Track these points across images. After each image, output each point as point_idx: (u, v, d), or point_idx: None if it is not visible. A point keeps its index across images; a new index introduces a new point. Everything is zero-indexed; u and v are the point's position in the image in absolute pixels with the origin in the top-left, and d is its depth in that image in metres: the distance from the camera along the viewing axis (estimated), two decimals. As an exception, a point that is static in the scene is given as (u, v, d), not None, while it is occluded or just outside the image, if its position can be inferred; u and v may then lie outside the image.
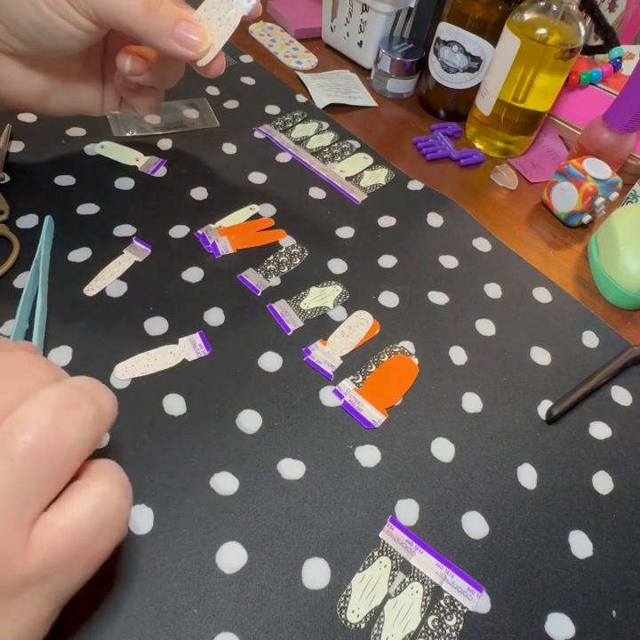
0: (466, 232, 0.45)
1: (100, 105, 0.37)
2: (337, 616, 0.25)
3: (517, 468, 0.32)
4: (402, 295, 0.39)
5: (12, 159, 0.41)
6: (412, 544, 0.28)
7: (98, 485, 0.18)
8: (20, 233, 0.36)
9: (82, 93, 0.35)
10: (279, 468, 0.29)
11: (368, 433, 0.32)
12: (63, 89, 0.34)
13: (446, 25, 0.52)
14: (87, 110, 0.36)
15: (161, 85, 0.34)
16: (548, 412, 0.34)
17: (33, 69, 0.31)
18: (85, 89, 0.35)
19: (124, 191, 0.41)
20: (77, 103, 0.35)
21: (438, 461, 0.31)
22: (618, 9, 0.61)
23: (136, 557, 0.25)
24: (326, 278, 0.39)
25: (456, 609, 0.26)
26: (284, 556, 0.27)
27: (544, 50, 0.46)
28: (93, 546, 0.18)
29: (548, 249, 0.46)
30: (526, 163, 0.55)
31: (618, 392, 0.37)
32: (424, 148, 0.53)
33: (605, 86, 0.54)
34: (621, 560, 0.29)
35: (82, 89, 0.35)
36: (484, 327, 0.39)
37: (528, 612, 0.27)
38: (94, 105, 0.36)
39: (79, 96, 0.35)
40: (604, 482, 0.32)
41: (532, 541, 0.29)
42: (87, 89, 0.35)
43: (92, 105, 0.36)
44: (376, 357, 0.35)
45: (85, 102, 0.36)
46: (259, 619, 0.25)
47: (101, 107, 0.37)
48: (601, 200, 0.45)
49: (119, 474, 0.19)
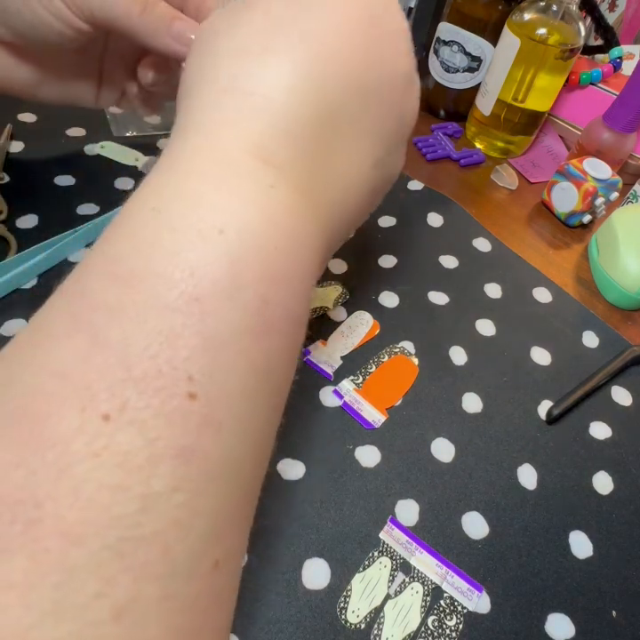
0: (466, 232, 0.45)
1: (94, 98, 0.36)
2: (337, 616, 0.25)
3: (517, 468, 0.32)
4: (402, 295, 0.39)
5: (11, 159, 0.41)
6: (412, 544, 0.28)
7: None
8: (20, 233, 0.36)
9: (74, 85, 0.34)
10: (279, 468, 0.29)
11: (368, 433, 0.32)
12: (54, 79, 0.33)
13: (446, 25, 0.52)
14: (79, 102, 0.36)
15: (174, 94, 0.34)
16: (548, 412, 0.34)
17: (22, 58, 0.31)
18: (78, 81, 0.34)
19: (123, 191, 0.41)
20: (68, 93, 0.35)
21: (438, 461, 0.31)
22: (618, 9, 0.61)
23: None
24: (326, 278, 0.39)
25: (456, 609, 0.26)
26: (283, 556, 0.27)
27: (544, 50, 0.46)
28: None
29: (548, 249, 0.46)
30: (526, 163, 0.55)
31: (618, 392, 0.37)
32: (424, 147, 0.53)
33: (605, 86, 0.54)
34: (621, 560, 0.29)
35: (74, 81, 0.34)
36: (484, 327, 0.39)
37: (528, 612, 0.27)
38: (87, 97, 0.35)
39: (71, 87, 0.34)
40: (604, 482, 0.32)
41: (531, 541, 0.29)
42: (80, 82, 0.34)
43: (84, 97, 0.35)
44: (376, 357, 0.35)
45: (77, 94, 0.35)
46: (258, 619, 0.25)
47: (95, 100, 0.36)
48: (601, 200, 0.45)
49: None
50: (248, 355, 0.14)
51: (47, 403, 0.12)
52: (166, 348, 0.13)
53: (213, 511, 0.13)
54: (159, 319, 0.13)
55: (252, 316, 0.14)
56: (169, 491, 0.12)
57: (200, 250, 0.14)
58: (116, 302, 0.13)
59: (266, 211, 0.15)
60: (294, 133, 0.17)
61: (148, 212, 0.15)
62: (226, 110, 0.16)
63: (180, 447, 0.13)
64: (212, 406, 0.13)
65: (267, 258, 0.15)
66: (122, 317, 0.13)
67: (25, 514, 0.11)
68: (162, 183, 0.16)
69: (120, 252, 0.14)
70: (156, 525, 0.12)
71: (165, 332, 0.13)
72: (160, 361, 0.13)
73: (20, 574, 0.11)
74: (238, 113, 0.16)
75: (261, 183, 0.16)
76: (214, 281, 0.14)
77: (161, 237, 0.14)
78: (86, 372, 0.12)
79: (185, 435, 0.13)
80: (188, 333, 0.13)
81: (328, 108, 0.17)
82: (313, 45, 0.17)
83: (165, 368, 0.13)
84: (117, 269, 0.14)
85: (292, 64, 0.17)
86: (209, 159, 0.16)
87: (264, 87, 0.16)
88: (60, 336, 0.13)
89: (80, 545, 0.11)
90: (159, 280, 0.13)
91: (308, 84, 0.17)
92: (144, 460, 0.12)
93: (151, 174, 0.16)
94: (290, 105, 0.16)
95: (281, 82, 0.16)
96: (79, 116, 0.36)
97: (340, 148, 0.18)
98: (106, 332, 0.13)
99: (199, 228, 0.14)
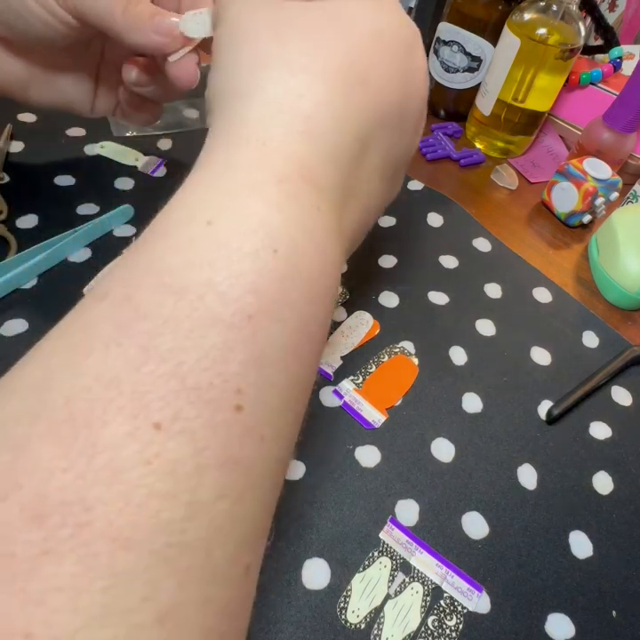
0: (466, 232, 0.45)
1: (89, 106, 0.36)
2: (337, 616, 0.25)
3: (517, 468, 0.32)
4: (402, 295, 0.39)
5: (11, 159, 0.41)
6: (412, 544, 0.28)
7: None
8: (20, 233, 0.36)
9: (66, 90, 0.34)
10: (279, 468, 0.29)
11: (368, 433, 0.32)
12: (44, 80, 0.33)
13: (446, 25, 0.52)
14: (73, 109, 0.35)
15: (164, 98, 0.34)
16: (548, 412, 0.34)
17: (12, 52, 0.31)
18: (70, 86, 0.34)
19: (123, 191, 0.41)
20: (60, 98, 0.34)
21: (438, 461, 0.31)
22: (618, 9, 0.61)
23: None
24: (326, 278, 0.39)
25: (456, 609, 0.26)
26: (283, 556, 0.27)
27: (544, 50, 0.46)
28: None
29: (548, 249, 0.46)
30: (526, 163, 0.55)
31: (618, 392, 0.37)
32: (424, 147, 0.53)
33: (605, 86, 0.54)
34: (621, 560, 0.29)
35: (66, 85, 0.34)
36: (484, 327, 0.39)
37: (528, 612, 0.27)
38: (81, 105, 0.35)
39: (63, 92, 0.34)
40: (604, 482, 0.32)
41: (531, 541, 0.29)
42: (73, 87, 0.34)
43: (78, 104, 0.35)
44: (376, 357, 0.35)
45: (70, 99, 0.35)
46: (258, 619, 0.25)
47: (90, 109, 0.36)
48: (601, 200, 0.45)
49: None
50: (289, 370, 0.15)
51: (94, 408, 0.12)
52: (219, 362, 0.13)
53: (251, 518, 0.14)
54: (214, 333, 0.13)
55: (296, 334, 0.15)
56: (213, 499, 0.13)
57: (256, 269, 0.14)
58: (171, 315, 0.13)
59: (312, 232, 0.16)
60: (337, 158, 0.17)
61: (202, 226, 0.15)
62: (276, 127, 0.17)
63: (225, 457, 0.13)
64: (256, 419, 0.14)
65: (310, 278, 0.16)
66: (176, 330, 0.13)
67: (74, 517, 0.11)
68: (214, 196, 0.16)
69: (174, 265, 0.14)
70: (200, 532, 0.12)
71: (219, 346, 0.13)
72: (212, 373, 0.13)
73: (68, 578, 0.11)
74: (288, 133, 0.17)
75: (308, 205, 0.16)
76: (267, 299, 0.14)
77: (216, 253, 0.14)
78: (138, 380, 0.12)
79: (231, 445, 0.13)
80: (240, 349, 0.14)
81: (367, 136, 0.18)
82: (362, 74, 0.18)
83: (217, 381, 0.13)
84: (172, 282, 0.14)
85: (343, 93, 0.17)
86: (261, 176, 0.16)
87: (315, 111, 0.17)
88: (107, 341, 0.13)
89: (128, 550, 0.11)
90: (216, 297, 0.14)
91: (355, 113, 0.18)
92: (192, 469, 0.12)
93: (197, 183, 0.16)
94: (339, 133, 0.17)
95: (330, 108, 0.17)
96: (79, 116, 0.36)
97: (369, 172, 0.20)
98: (157, 342, 0.13)
99: (257, 248, 0.14)
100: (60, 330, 0.14)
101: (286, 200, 0.16)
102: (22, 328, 0.32)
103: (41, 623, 0.10)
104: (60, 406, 0.12)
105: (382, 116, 0.19)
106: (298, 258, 0.15)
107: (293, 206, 0.16)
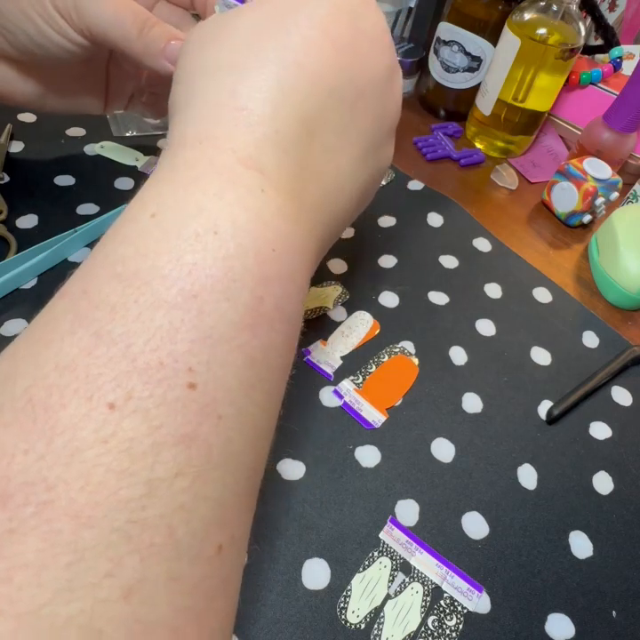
0: (466, 232, 0.45)
1: (103, 105, 0.37)
2: (337, 616, 0.25)
3: (517, 469, 0.32)
4: (402, 295, 0.39)
5: (11, 159, 0.41)
6: (412, 544, 0.28)
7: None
8: (20, 233, 0.36)
9: (81, 96, 0.35)
10: (279, 468, 0.29)
11: (368, 433, 0.32)
12: (60, 91, 0.34)
13: (446, 25, 0.52)
14: (87, 110, 0.36)
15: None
16: (549, 412, 0.34)
17: (27, 73, 0.31)
18: (84, 92, 0.35)
19: (123, 191, 0.41)
20: (75, 104, 0.35)
21: (438, 462, 0.31)
22: (618, 9, 0.61)
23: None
24: (326, 278, 0.39)
25: (456, 609, 0.26)
26: (283, 556, 0.27)
27: (544, 50, 0.46)
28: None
29: (548, 249, 0.46)
30: (526, 162, 0.55)
31: (618, 392, 0.37)
32: (424, 147, 0.53)
33: (605, 86, 0.54)
34: (621, 560, 0.29)
35: (80, 92, 0.35)
36: (484, 327, 0.39)
37: (528, 612, 0.27)
38: (95, 106, 0.36)
39: (77, 98, 0.35)
40: (604, 482, 0.32)
41: (531, 542, 0.29)
42: (86, 92, 0.35)
43: (92, 106, 0.36)
44: (376, 357, 0.35)
45: (85, 103, 0.36)
46: (258, 619, 0.25)
47: (104, 107, 0.37)
48: (601, 200, 0.45)
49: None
50: (245, 349, 0.15)
51: (52, 393, 0.13)
52: (167, 342, 0.14)
53: (216, 498, 0.14)
54: (159, 315, 0.14)
55: (248, 312, 0.15)
56: (172, 476, 0.13)
57: (197, 250, 0.15)
58: (119, 301, 0.14)
59: (256, 212, 0.16)
60: (282, 144, 0.18)
61: (148, 218, 0.16)
62: (220, 124, 0.18)
63: (180, 434, 0.13)
64: (211, 397, 0.14)
65: (259, 256, 0.16)
66: (125, 314, 0.14)
67: (37, 496, 0.12)
68: (161, 191, 0.17)
69: (124, 255, 0.15)
70: (161, 509, 0.13)
71: (166, 327, 0.14)
72: (161, 353, 0.13)
73: (33, 554, 0.11)
74: (225, 127, 0.17)
75: (253, 188, 0.17)
76: (210, 278, 0.15)
77: (161, 241, 0.15)
78: (91, 364, 0.13)
79: (185, 423, 0.13)
80: (187, 328, 0.14)
81: (312, 117, 0.19)
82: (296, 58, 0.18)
83: (167, 360, 0.13)
84: (123, 271, 0.15)
85: (277, 80, 0.18)
86: (206, 169, 0.17)
87: (254, 103, 0.18)
88: (64, 332, 0.14)
89: (91, 527, 0.12)
90: (160, 280, 0.14)
91: (293, 97, 0.18)
92: (148, 447, 0.13)
93: (150, 182, 0.17)
94: (277, 118, 0.18)
95: (268, 97, 0.18)
96: (79, 116, 0.37)
97: (326, 152, 0.20)
98: (108, 327, 0.14)
99: (197, 231, 0.15)
100: (28, 328, 0.15)
101: (226, 185, 0.16)
102: (22, 328, 0.32)
103: (7, 600, 0.11)
104: (19, 395, 0.13)
105: (330, 93, 0.19)
106: (242, 237, 0.16)
107: (233, 191, 0.16)
